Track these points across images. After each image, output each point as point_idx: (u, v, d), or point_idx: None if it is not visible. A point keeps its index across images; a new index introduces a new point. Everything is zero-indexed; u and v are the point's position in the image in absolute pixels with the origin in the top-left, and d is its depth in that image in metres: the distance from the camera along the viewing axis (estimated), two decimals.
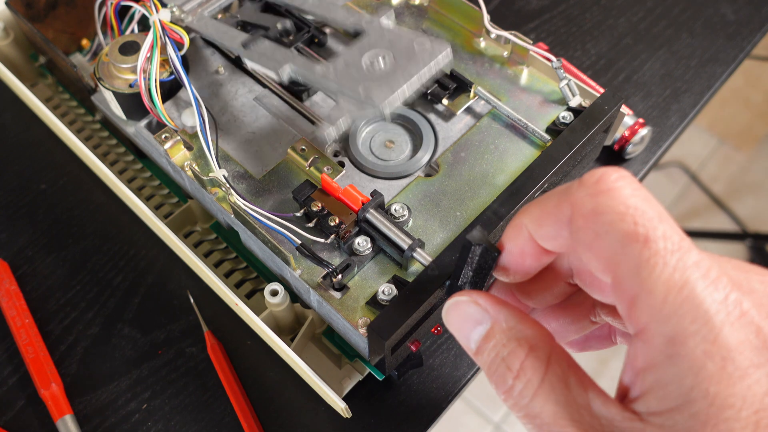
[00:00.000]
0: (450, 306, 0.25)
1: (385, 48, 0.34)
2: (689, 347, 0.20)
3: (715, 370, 0.20)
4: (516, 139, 0.38)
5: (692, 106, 0.51)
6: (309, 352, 0.39)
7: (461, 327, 0.25)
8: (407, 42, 0.34)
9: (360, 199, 0.33)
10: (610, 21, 0.56)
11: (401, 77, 0.32)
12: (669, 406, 0.20)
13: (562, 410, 0.22)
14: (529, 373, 0.22)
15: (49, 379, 0.39)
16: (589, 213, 0.22)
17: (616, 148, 0.47)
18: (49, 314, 0.42)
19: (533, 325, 0.24)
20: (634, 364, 0.22)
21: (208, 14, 0.42)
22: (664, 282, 0.20)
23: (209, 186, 0.35)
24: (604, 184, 0.22)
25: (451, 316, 0.25)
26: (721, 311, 0.20)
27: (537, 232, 0.25)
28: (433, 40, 0.34)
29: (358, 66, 0.33)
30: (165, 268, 0.43)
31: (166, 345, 0.41)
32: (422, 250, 0.32)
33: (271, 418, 0.38)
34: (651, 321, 0.20)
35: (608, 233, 0.21)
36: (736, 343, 0.20)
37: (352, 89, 0.32)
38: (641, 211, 0.21)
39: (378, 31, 0.35)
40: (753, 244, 1.31)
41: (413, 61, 0.33)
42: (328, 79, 0.33)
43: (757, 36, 0.55)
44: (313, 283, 0.33)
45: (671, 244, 0.21)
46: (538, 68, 0.41)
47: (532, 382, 0.22)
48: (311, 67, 0.34)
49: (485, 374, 0.24)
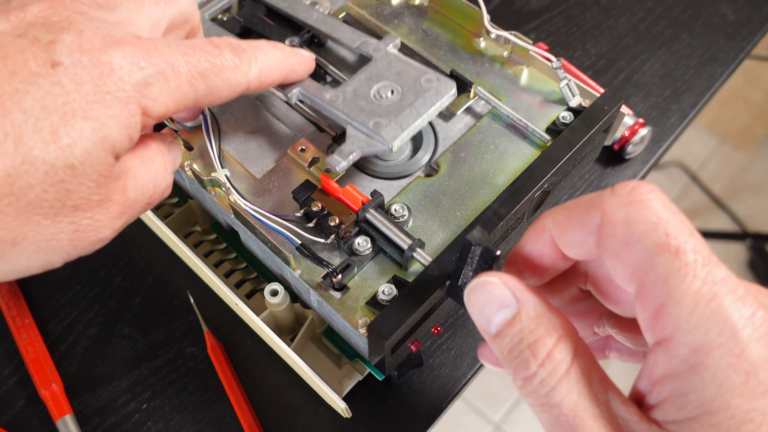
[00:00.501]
0: (476, 285, 0.25)
1: (392, 80, 0.35)
2: (714, 358, 0.20)
3: (739, 383, 0.20)
4: (516, 139, 0.38)
5: (692, 106, 0.51)
6: (309, 352, 0.39)
7: (484, 308, 0.25)
8: (414, 76, 0.35)
9: (360, 199, 0.33)
10: (610, 21, 0.56)
11: (410, 116, 0.34)
12: (688, 416, 0.21)
13: (583, 402, 0.22)
14: (556, 361, 0.22)
15: (49, 379, 0.39)
16: (621, 221, 0.22)
17: (616, 148, 0.47)
18: (49, 314, 0.42)
19: (561, 317, 0.24)
20: (653, 373, 0.22)
21: (209, 16, 0.42)
22: (693, 293, 0.20)
23: (209, 186, 0.35)
24: (637, 195, 0.22)
25: (476, 296, 0.25)
26: (748, 327, 0.20)
27: (561, 236, 0.25)
28: (439, 78, 0.35)
29: (366, 96, 0.34)
30: (165, 268, 0.43)
31: (166, 345, 0.41)
32: (422, 250, 0.32)
33: (271, 418, 0.38)
34: (677, 330, 0.21)
35: (639, 242, 0.22)
36: (761, 359, 0.20)
37: (361, 121, 0.33)
38: (673, 223, 0.22)
39: (385, 59, 0.36)
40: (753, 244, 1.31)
41: (421, 98, 0.34)
42: (336, 108, 0.34)
43: (757, 36, 0.55)
44: (313, 283, 0.33)
45: (701, 257, 0.21)
46: (538, 68, 0.41)
47: (558, 371, 0.22)
48: (320, 93, 0.35)
49: (502, 359, 0.24)
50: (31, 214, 0.23)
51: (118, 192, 0.25)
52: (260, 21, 0.41)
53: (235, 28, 0.41)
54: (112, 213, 0.25)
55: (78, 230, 0.24)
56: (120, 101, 0.24)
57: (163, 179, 0.29)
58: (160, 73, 0.25)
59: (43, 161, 0.23)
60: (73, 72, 0.23)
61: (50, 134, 0.23)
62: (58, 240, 0.24)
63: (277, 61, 0.31)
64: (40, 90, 0.23)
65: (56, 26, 0.24)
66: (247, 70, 0.29)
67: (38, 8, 0.25)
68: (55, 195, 0.23)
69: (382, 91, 0.35)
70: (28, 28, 0.24)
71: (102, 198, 0.25)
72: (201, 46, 0.28)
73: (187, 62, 0.27)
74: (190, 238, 0.43)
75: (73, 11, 0.25)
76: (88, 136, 0.23)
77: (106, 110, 0.24)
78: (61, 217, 0.24)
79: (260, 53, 0.30)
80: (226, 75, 0.28)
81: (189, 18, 0.31)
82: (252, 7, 0.42)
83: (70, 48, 0.24)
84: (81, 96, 0.23)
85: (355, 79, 0.35)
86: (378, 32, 0.41)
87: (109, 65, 0.24)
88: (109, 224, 0.25)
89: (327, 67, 0.41)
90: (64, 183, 0.23)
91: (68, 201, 0.24)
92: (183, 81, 0.26)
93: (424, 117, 0.34)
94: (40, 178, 0.23)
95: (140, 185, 0.27)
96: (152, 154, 0.28)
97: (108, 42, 0.24)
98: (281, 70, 0.32)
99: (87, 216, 0.24)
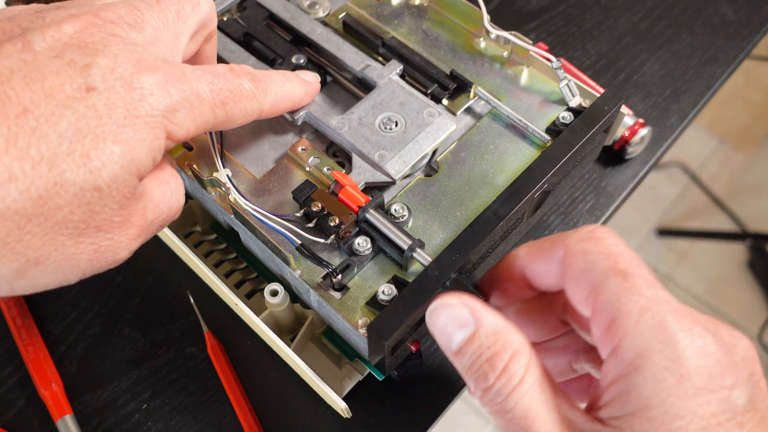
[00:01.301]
0: (438, 306, 0.27)
1: (396, 110, 0.37)
2: (654, 361, 0.23)
3: (674, 383, 0.23)
4: (516, 139, 0.38)
5: (692, 106, 0.51)
6: (309, 352, 0.39)
7: (445, 327, 0.27)
8: (417, 108, 0.37)
9: (360, 199, 0.33)
10: (610, 21, 0.56)
11: (413, 150, 0.36)
12: (628, 411, 0.23)
13: (533, 406, 0.24)
14: (511, 373, 0.25)
15: (49, 379, 0.39)
16: (580, 252, 0.26)
17: (616, 148, 0.47)
18: (49, 314, 0.42)
19: (516, 332, 0.26)
20: (604, 380, 0.25)
21: None
22: (639, 308, 0.24)
23: (209, 186, 0.35)
24: (595, 233, 0.27)
25: (437, 316, 0.27)
26: (686, 338, 0.23)
27: (529, 266, 0.29)
28: (440, 113, 0.37)
29: (371, 126, 0.37)
30: (165, 268, 0.43)
31: (166, 345, 0.41)
32: (422, 250, 0.32)
33: (271, 418, 0.38)
34: (624, 338, 0.24)
35: (593, 269, 0.25)
36: (695, 367, 0.23)
37: (367, 152, 0.36)
38: (624, 255, 0.26)
39: (389, 88, 0.38)
40: (753, 244, 1.31)
41: (423, 132, 0.36)
42: (342, 135, 0.36)
43: (757, 36, 0.55)
44: (313, 283, 0.33)
45: (647, 282, 0.25)
46: (538, 68, 0.41)
47: (512, 381, 0.25)
48: (326, 119, 0.37)
49: (463, 373, 0.26)
50: (57, 235, 0.24)
51: (138, 214, 0.26)
52: (264, 29, 0.41)
53: (237, 32, 0.41)
54: (130, 234, 0.26)
55: (98, 251, 0.25)
56: (148, 126, 0.25)
57: (177, 201, 0.30)
58: (186, 99, 0.26)
59: (73, 183, 0.23)
60: (107, 97, 0.24)
61: (81, 157, 0.23)
62: (78, 260, 0.25)
63: (286, 92, 0.33)
64: (75, 114, 0.23)
65: (91, 48, 0.25)
66: (263, 99, 0.31)
67: (73, 28, 0.25)
68: (80, 216, 0.24)
69: (387, 122, 0.37)
70: (65, 48, 0.24)
71: (123, 219, 0.25)
72: (224, 74, 0.29)
73: (211, 90, 0.28)
74: (190, 238, 0.43)
75: (107, 33, 0.26)
76: (117, 160, 0.24)
77: (135, 134, 0.25)
78: (84, 238, 0.24)
79: (273, 84, 0.32)
80: (244, 104, 0.30)
81: (207, 24, 0.32)
82: (255, 11, 0.42)
83: (104, 72, 0.24)
84: (112, 120, 0.24)
85: (361, 106, 0.37)
86: (378, 32, 0.41)
87: (140, 91, 0.25)
88: (126, 245, 0.26)
89: (327, 67, 0.41)
90: (90, 204, 0.24)
91: (92, 222, 0.24)
92: (206, 108, 0.27)
93: (426, 152, 0.36)
94: (68, 199, 0.23)
95: (157, 207, 0.28)
96: (167, 177, 0.29)
97: (140, 67, 0.25)
98: (290, 101, 0.34)
99: (108, 237, 0.25)
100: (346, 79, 0.40)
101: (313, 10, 0.43)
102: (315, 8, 0.43)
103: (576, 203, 0.46)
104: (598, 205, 0.47)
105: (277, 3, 0.42)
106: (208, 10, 0.31)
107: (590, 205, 0.46)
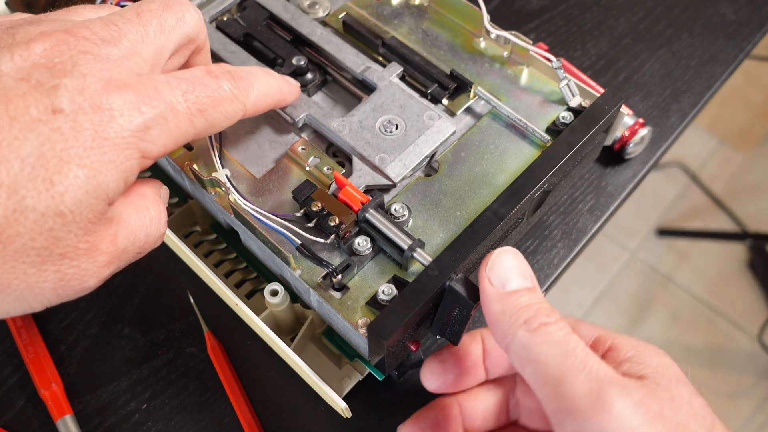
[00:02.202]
0: (508, 250, 0.29)
1: (396, 113, 0.37)
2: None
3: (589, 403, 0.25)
4: (516, 139, 0.38)
5: (692, 106, 0.51)
6: (309, 352, 0.39)
7: (509, 269, 0.29)
8: (417, 111, 0.37)
9: (360, 199, 0.33)
10: (610, 21, 0.56)
11: (413, 154, 0.36)
12: None
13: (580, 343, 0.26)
14: (564, 322, 0.27)
15: (49, 379, 0.39)
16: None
17: (616, 148, 0.47)
18: (49, 314, 0.42)
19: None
20: None
21: (209, 18, 0.42)
22: None
23: (209, 186, 0.35)
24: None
25: (506, 255, 0.29)
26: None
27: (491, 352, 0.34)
28: (440, 115, 0.37)
29: (372, 129, 0.37)
30: (165, 268, 0.43)
31: (166, 345, 0.41)
32: (422, 250, 0.32)
33: (271, 418, 0.38)
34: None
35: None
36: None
37: (368, 155, 0.36)
38: None
39: (389, 90, 0.38)
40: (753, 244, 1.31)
41: (423, 135, 0.36)
42: (343, 137, 0.36)
43: (757, 36, 0.55)
44: (313, 283, 0.33)
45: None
46: (538, 68, 0.41)
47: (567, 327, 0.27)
48: (327, 122, 0.37)
49: (508, 312, 0.28)
50: (17, 263, 0.23)
51: (107, 240, 0.25)
52: (264, 30, 0.41)
53: (237, 32, 0.41)
54: (99, 262, 0.25)
55: (63, 279, 0.24)
56: (118, 147, 0.24)
57: (156, 229, 0.28)
58: (160, 115, 0.25)
59: (34, 209, 0.22)
60: (74, 119, 0.23)
61: (44, 182, 0.22)
62: (42, 288, 0.24)
63: (270, 88, 0.32)
64: (39, 137, 0.22)
65: (59, 69, 0.24)
66: (245, 99, 0.30)
67: (42, 47, 0.24)
68: (42, 243, 0.23)
69: (387, 125, 0.37)
70: (32, 70, 0.24)
71: (90, 246, 0.24)
72: (200, 79, 0.28)
73: (186, 100, 0.26)
74: (190, 238, 0.43)
75: (77, 50, 0.25)
76: (81, 184, 0.23)
77: (103, 156, 0.24)
78: (47, 266, 0.23)
79: (255, 80, 0.31)
80: (224, 107, 0.28)
81: (194, 38, 0.31)
82: (255, 11, 0.42)
83: (72, 93, 0.23)
84: (79, 143, 0.23)
85: (361, 109, 0.37)
86: (378, 32, 0.41)
87: (109, 112, 0.24)
88: (95, 273, 0.25)
89: (327, 67, 0.41)
90: (53, 231, 0.23)
91: (56, 249, 0.23)
92: (182, 120, 0.26)
93: (426, 155, 0.36)
94: (29, 226, 0.22)
95: (131, 234, 0.27)
96: (148, 203, 0.28)
97: (109, 87, 0.24)
98: (274, 98, 0.33)
99: (73, 265, 0.24)
100: (346, 79, 0.41)
101: (313, 9, 0.43)
102: (315, 8, 0.43)
103: (576, 203, 0.46)
104: (598, 205, 0.47)
105: (277, 3, 0.42)
106: (194, 24, 0.30)
107: (590, 205, 0.46)
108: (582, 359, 0.26)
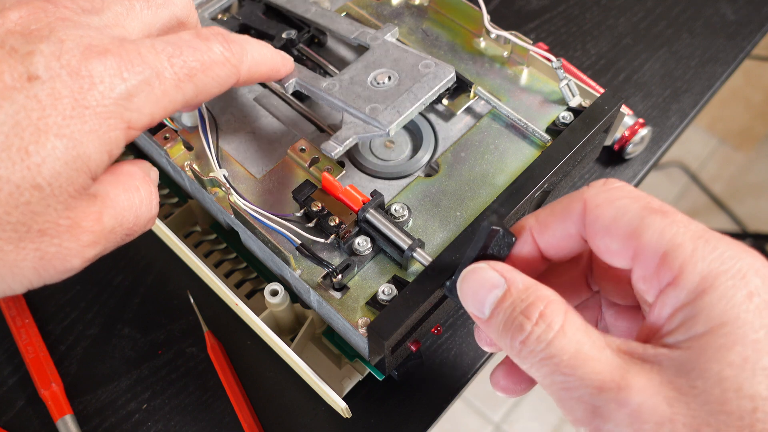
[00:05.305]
0: (467, 273, 0.26)
1: (390, 67, 0.35)
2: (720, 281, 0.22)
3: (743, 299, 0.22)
4: (516, 139, 0.38)
5: (692, 106, 0.51)
6: (309, 352, 0.39)
7: (477, 292, 0.26)
8: (413, 62, 0.35)
9: (360, 199, 0.33)
10: (610, 21, 0.56)
11: (407, 100, 0.33)
12: (699, 332, 0.22)
13: (582, 349, 0.23)
14: (549, 319, 0.23)
15: (49, 379, 0.39)
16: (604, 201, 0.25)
17: (616, 148, 0.47)
18: (49, 314, 0.42)
19: (548, 288, 0.25)
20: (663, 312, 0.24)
21: (209, 15, 0.42)
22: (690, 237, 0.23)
23: (209, 186, 0.35)
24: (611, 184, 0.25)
25: (468, 282, 0.26)
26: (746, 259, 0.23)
27: (543, 234, 0.27)
28: (437, 63, 0.35)
29: (363, 83, 0.34)
30: (165, 268, 0.43)
31: (166, 345, 0.41)
32: (422, 250, 0.32)
33: (271, 418, 0.38)
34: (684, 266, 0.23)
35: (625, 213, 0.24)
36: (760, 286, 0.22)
37: (358, 107, 0.33)
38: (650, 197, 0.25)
39: (383, 47, 0.36)
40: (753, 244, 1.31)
41: (419, 83, 0.34)
42: (333, 95, 0.34)
43: (757, 36, 0.55)
44: (313, 283, 0.33)
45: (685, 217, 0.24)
46: (538, 68, 0.41)
47: (552, 326, 0.23)
48: (317, 82, 0.35)
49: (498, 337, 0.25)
50: None
51: (90, 218, 0.24)
52: (258, 18, 0.41)
53: (235, 28, 0.41)
54: (82, 241, 0.24)
55: (44, 258, 0.23)
56: (100, 116, 0.23)
57: (147, 210, 0.27)
58: (144, 81, 0.24)
59: (8, 181, 0.21)
60: (51, 86, 0.22)
61: (18, 152, 0.21)
62: (21, 267, 0.22)
63: (264, 56, 0.31)
64: (13, 105, 0.21)
65: (35, 35, 0.23)
66: (238, 62, 0.28)
67: (18, 14, 0.23)
68: (18, 218, 0.22)
69: (380, 77, 0.34)
70: (6, 36, 0.23)
71: (71, 223, 0.23)
72: (188, 43, 0.26)
73: (173, 65, 0.25)
74: (190, 238, 0.43)
75: (55, 17, 0.24)
76: (59, 155, 0.22)
77: (83, 126, 0.22)
78: (26, 243, 0.22)
79: (249, 46, 0.29)
80: (216, 71, 0.27)
81: (184, 21, 0.30)
82: (251, 6, 0.42)
83: (48, 59, 0.22)
84: (57, 111, 0.22)
85: (353, 67, 0.35)
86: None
87: (89, 79, 0.23)
88: (78, 253, 0.24)
89: (327, 67, 0.41)
90: (30, 205, 0.22)
91: (34, 225, 0.22)
92: (169, 86, 0.25)
93: (422, 101, 0.34)
94: (3, 199, 0.21)
95: (119, 214, 0.25)
96: (138, 183, 0.27)
97: (89, 53, 0.23)
98: (268, 66, 0.31)
99: (54, 243, 0.23)
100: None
101: None
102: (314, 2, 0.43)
103: None
104: None
105: None
106: (183, 6, 0.29)
107: None
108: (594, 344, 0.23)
